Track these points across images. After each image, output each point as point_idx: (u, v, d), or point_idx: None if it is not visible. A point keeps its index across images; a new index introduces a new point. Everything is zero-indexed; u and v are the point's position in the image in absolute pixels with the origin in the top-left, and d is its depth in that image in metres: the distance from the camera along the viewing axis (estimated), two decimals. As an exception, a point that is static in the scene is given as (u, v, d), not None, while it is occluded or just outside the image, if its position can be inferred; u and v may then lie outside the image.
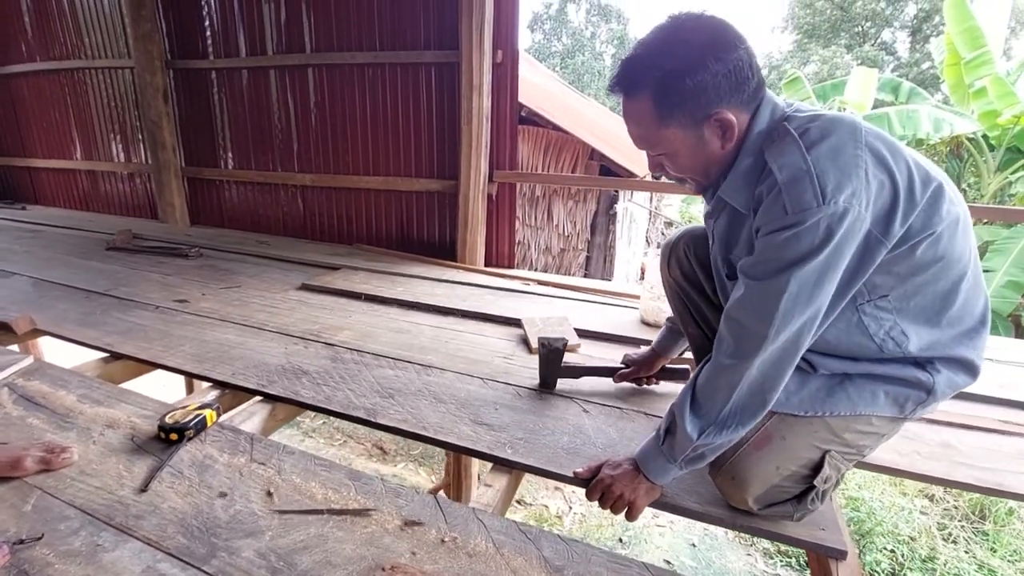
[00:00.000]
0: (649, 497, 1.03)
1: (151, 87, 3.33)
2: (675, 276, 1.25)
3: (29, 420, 1.25)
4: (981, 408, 1.50)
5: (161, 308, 2.05)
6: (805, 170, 0.81)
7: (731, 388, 0.90)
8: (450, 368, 1.62)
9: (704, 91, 0.86)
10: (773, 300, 0.84)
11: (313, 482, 1.09)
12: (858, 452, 1.02)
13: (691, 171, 0.98)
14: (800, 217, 0.81)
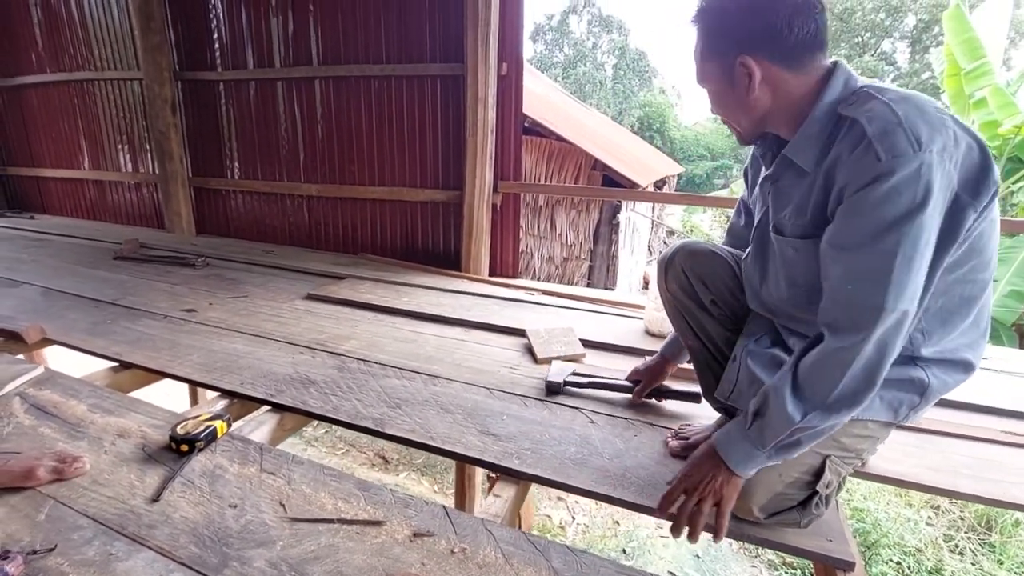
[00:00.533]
0: (734, 490, 0.95)
1: (159, 98, 3.37)
2: (672, 291, 1.26)
3: (41, 429, 1.27)
4: (985, 419, 1.50)
5: (169, 317, 2.07)
6: (896, 122, 0.78)
7: (844, 368, 0.84)
8: (456, 378, 1.63)
9: (732, 34, 0.91)
10: (885, 265, 0.79)
11: (323, 492, 1.10)
12: (856, 456, 1.03)
13: (726, 113, 1.01)
14: (896, 163, 0.76)
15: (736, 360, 1.15)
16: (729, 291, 1.20)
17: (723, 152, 33.34)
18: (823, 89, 0.90)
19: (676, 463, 1.24)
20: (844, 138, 0.85)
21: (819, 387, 0.87)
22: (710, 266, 1.20)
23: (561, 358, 1.78)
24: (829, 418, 0.87)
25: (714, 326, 1.23)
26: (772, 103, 0.93)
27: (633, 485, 1.16)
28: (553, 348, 1.82)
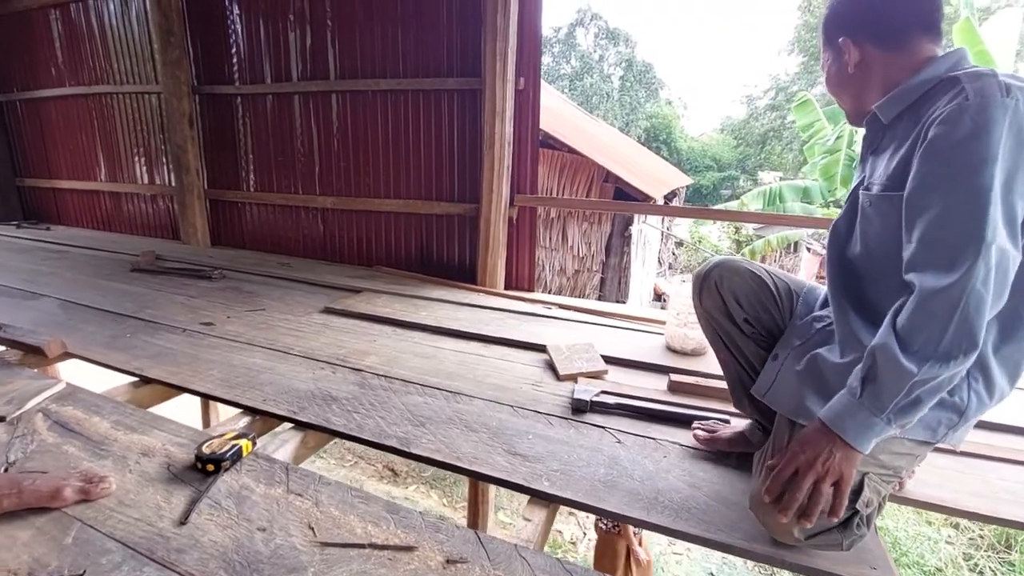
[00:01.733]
0: (852, 466, 0.88)
1: (177, 112, 3.40)
2: (706, 307, 1.24)
3: (65, 447, 1.25)
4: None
5: (188, 331, 2.07)
6: (991, 74, 0.84)
7: (952, 309, 0.80)
8: (479, 395, 1.61)
9: (837, 19, 1.05)
10: (981, 197, 0.79)
11: (352, 515, 1.08)
12: (895, 473, 1.00)
13: (835, 92, 1.10)
14: (985, 103, 0.80)
15: (777, 359, 1.14)
16: (764, 309, 1.18)
17: (730, 163, 33.34)
18: (927, 66, 0.94)
19: (707, 485, 1.22)
20: (943, 92, 0.89)
21: (928, 336, 0.81)
22: (745, 285, 1.18)
23: (583, 375, 1.75)
24: (948, 366, 0.81)
25: (746, 343, 1.22)
26: (871, 80, 1.02)
27: (667, 509, 1.13)
28: (575, 365, 1.80)
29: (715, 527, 1.08)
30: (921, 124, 0.89)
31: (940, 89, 0.90)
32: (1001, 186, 0.80)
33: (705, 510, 1.13)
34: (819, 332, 1.11)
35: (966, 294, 0.79)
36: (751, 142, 31.86)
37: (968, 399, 0.95)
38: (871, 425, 0.86)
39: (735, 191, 31.28)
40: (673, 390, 1.66)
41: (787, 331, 1.17)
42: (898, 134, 0.97)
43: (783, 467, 0.93)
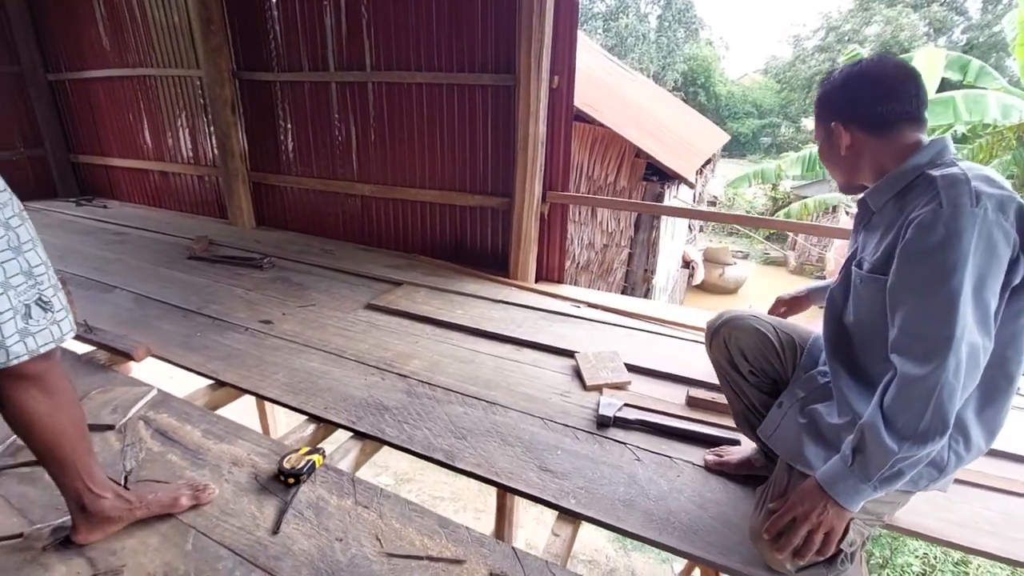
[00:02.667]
0: (843, 522, 1.03)
1: (220, 99, 3.53)
2: (715, 356, 1.40)
3: (168, 456, 1.50)
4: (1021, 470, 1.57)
5: (251, 330, 2.29)
6: (964, 180, 0.94)
7: (927, 396, 0.92)
8: (513, 406, 1.80)
9: (831, 104, 1.14)
10: (950, 302, 0.90)
11: (410, 528, 1.29)
12: (877, 518, 1.15)
13: (827, 166, 1.21)
14: (956, 211, 0.90)
15: (783, 406, 1.28)
16: (767, 362, 1.31)
17: (771, 109, 31.62)
18: (912, 154, 1.06)
19: (713, 507, 1.38)
20: (923, 191, 1.00)
21: (908, 418, 0.94)
22: (750, 340, 1.31)
23: (607, 385, 1.91)
24: (925, 446, 0.94)
25: (751, 389, 1.36)
26: (860, 162, 1.13)
27: (676, 531, 1.31)
28: (600, 375, 1.96)
29: (717, 549, 1.26)
30: (904, 216, 1.00)
31: (921, 183, 1.01)
32: (972, 287, 0.91)
33: (710, 532, 1.31)
34: (820, 387, 1.23)
35: (940, 385, 0.92)
36: (796, 86, 30.01)
37: (948, 458, 1.08)
38: (860, 490, 1.00)
39: (775, 139, 29.85)
40: (691, 405, 1.81)
41: (792, 381, 1.29)
42: (885, 218, 1.08)
43: (783, 514, 1.08)
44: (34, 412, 1.01)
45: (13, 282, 0.91)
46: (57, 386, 1.04)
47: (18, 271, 0.92)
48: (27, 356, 0.94)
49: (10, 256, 0.91)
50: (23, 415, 1.01)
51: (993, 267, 0.91)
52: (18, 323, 0.92)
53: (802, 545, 1.06)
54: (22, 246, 0.93)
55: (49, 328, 0.97)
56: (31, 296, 0.94)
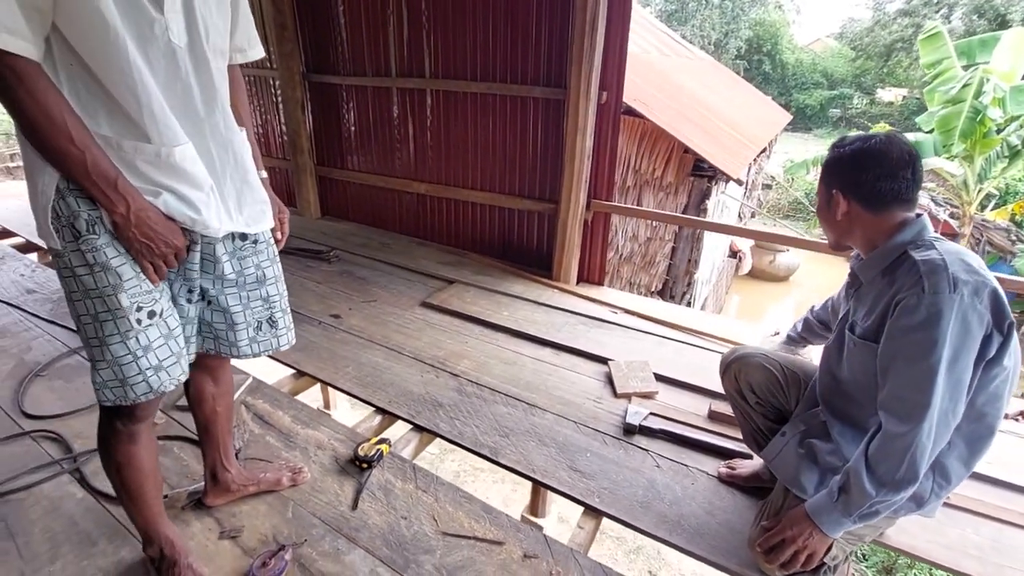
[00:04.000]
0: (824, 546, 1.23)
1: (292, 99, 3.84)
2: (727, 386, 1.60)
3: (267, 438, 1.84)
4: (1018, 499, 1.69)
5: (323, 324, 2.62)
6: (943, 266, 1.08)
7: (904, 451, 1.09)
8: (550, 409, 2.04)
9: (834, 172, 1.26)
10: (928, 375, 1.06)
11: (460, 511, 1.57)
12: (859, 539, 1.34)
13: (821, 222, 1.35)
14: (936, 298, 1.05)
15: (785, 436, 1.46)
16: (772, 395, 1.50)
17: (843, 79, 29.46)
18: (897, 232, 1.20)
19: (720, 514, 1.59)
20: (907, 272, 1.15)
21: (887, 468, 1.12)
22: (758, 376, 1.49)
23: (636, 394, 2.12)
24: (899, 493, 1.13)
25: (758, 416, 1.55)
26: (852, 229, 1.27)
27: (685, 532, 1.53)
28: (630, 384, 2.17)
29: (719, 551, 1.48)
30: (893, 293, 1.15)
31: (906, 262, 1.16)
32: (947, 363, 1.07)
33: (715, 536, 1.52)
34: (820, 423, 1.40)
35: (915, 443, 1.10)
36: (873, 54, 27.82)
37: (929, 496, 1.25)
38: (841, 522, 1.21)
39: (846, 112, 27.96)
40: (712, 418, 2.00)
41: (795, 415, 1.46)
42: (874, 289, 1.24)
43: (774, 533, 1.29)
44: (209, 397, 1.37)
45: (253, 306, 1.25)
46: (228, 376, 1.41)
47: (259, 298, 1.26)
48: (249, 356, 1.29)
49: (255, 287, 1.24)
50: (204, 401, 1.37)
51: (967, 345, 1.07)
52: (249, 333, 1.26)
53: (788, 561, 1.27)
54: (266, 281, 1.26)
55: (270, 340, 1.31)
56: (263, 316, 1.28)
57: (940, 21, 24.10)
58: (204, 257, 1.14)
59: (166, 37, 0.94)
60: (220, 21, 1.06)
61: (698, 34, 24.53)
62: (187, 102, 1.01)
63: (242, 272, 1.21)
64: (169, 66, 0.96)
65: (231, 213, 1.13)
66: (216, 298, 1.19)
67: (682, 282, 5.23)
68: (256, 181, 1.21)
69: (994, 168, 8.11)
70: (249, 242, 1.21)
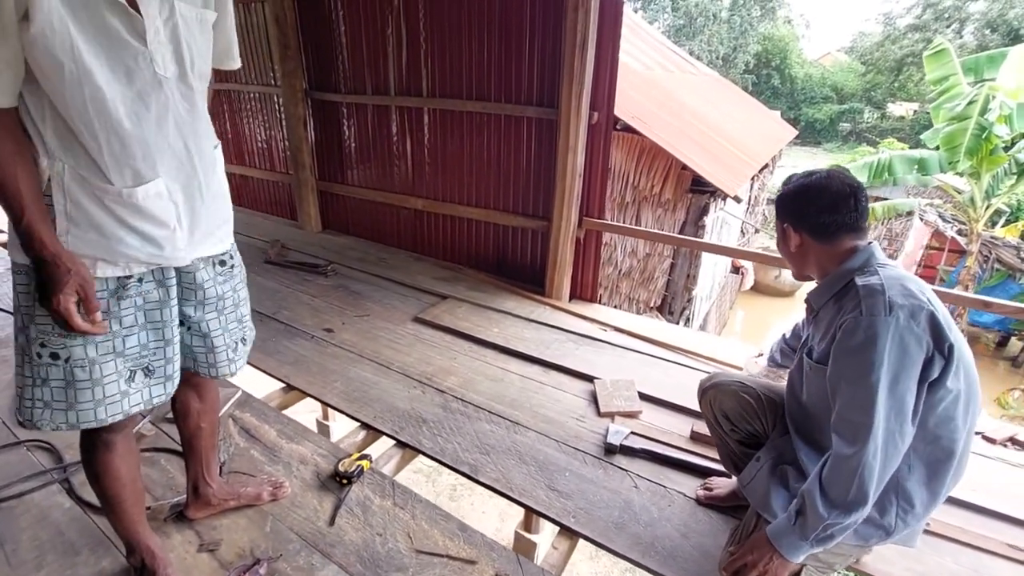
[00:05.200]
0: (785, 570, 1.23)
1: (294, 116, 3.92)
2: (704, 411, 1.62)
3: (251, 452, 1.87)
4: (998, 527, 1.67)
5: (315, 338, 2.67)
6: (880, 290, 1.12)
7: (852, 473, 1.10)
8: (533, 427, 2.06)
9: (784, 208, 1.34)
10: (869, 396, 1.09)
11: (435, 529, 1.59)
12: (829, 567, 1.33)
13: (781, 253, 1.41)
14: (873, 320, 1.09)
15: (759, 461, 1.47)
16: (747, 422, 1.50)
17: (853, 93, 29.44)
18: (846, 260, 1.25)
19: (695, 536, 1.60)
20: (851, 298, 1.19)
21: (838, 490, 1.13)
22: (732, 404, 1.50)
23: (619, 413, 2.13)
24: (850, 515, 1.13)
25: (733, 442, 1.57)
26: (807, 259, 1.33)
27: (659, 554, 1.53)
28: (614, 403, 2.18)
29: (691, 575, 1.48)
30: (840, 317, 1.19)
31: (852, 289, 1.19)
32: (888, 384, 1.08)
33: (687, 559, 1.52)
34: (792, 451, 1.41)
35: (862, 464, 1.11)
36: (884, 68, 27.80)
37: (895, 523, 1.24)
38: (799, 546, 1.21)
39: (856, 126, 27.86)
40: (693, 439, 2.00)
41: (770, 440, 1.47)
42: (826, 316, 1.28)
43: (738, 558, 1.30)
44: (194, 412, 1.41)
45: (230, 327, 1.30)
46: (213, 393, 1.45)
47: (235, 320, 1.31)
48: (228, 375, 1.33)
49: (232, 310, 1.30)
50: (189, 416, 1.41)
51: (906, 365, 1.09)
52: (229, 354, 1.31)
53: None
54: (240, 303, 1.33)
55: (244, 358, 1.37)
56: (239, 335, 1.33)
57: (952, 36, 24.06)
58: (184, 286, 1.18)
59: (151, 69, 0.98)
60: (204, 44, 1.09)
61: (706, 49, 24.66)
62: (174, 132, 1.05)
63: (223, 296, 1.25)
64: (158, 98, 1.00)
65: (203, 238, 1.17)
66: (198, 324, 1.23)
67: (681, 298, 5.22)
68: (227, 198, 1.26)
69: (1002, 185, 8.04)
70: (227, 267, 1.26)
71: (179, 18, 1.00)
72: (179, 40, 1.01)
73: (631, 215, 4.92)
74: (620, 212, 4.90)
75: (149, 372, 1.17)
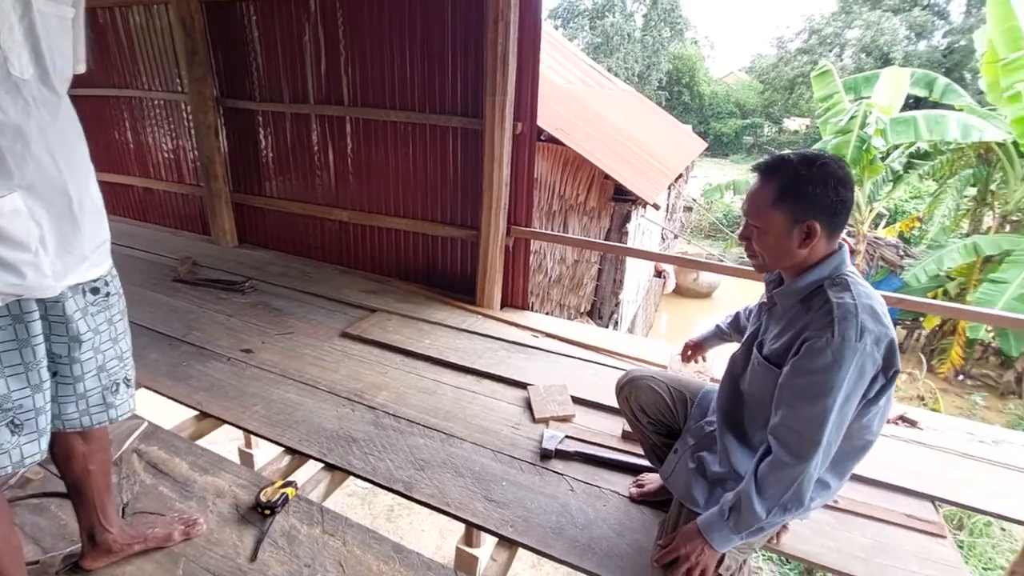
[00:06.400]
0: (714, 560, 1.29)
1: (204, 125, 3.68)
2: (623, 408, 1.68)
3: (160, 488, 1.70)
4: (901, 500, 1.84)
5: (232, 360, 2.49)
6: (854, 314, 1.11)
7: (792, 480, 1.16)
8: (468, 438, 2.03)
9: (810, 199, 1.14)
10: (825, 414, 1.11)
11: (369, 554, 1.52)
12: (750, 548, 1.40)
13: (767, 251, 1.24)
14: (844, 344, 1.08)
15: (678, 453, 1.52)
16: (662, 415, 1.58)
17: (754, 109, 32.07)
18: (822, 263, 1.20)
19: (630, 533, 1.63)
20: (820, 309, 1.16)
21: (775, 492, 1.19)
22: (647, 398, 1.58)
23: (554, 418, 2.15)
24: (785, 515, 1.21)
25: (653, 435, 1.64)
26: (798, 257, 1.20)
27: (596, 555, 1.55)
28: (548, 408, 2.19)
29: (627, 572, 1.50)
30: (803, 325, 1.18)
31: (821, 297, 1.18)
32: (839, 404, 1.13)
33: (624, 556, 1.55)
34: (707, 435, 1.48)
35: (804, 475, 1.18)
36: (779, 87, 30.49)
37: (810, 506, 1.33)
38: (730, 538, 1.27)
39: (758, 139, 30.33)
40: (625, 438, 2.06)
41: (685, 430, 1.54)
42: (787, 313, 1.26)
43: (669, 551, 1.34)
44: (79, 455, 1.24)
45: (108, 366, 1.15)
46: (99, 435, 1.26)
47: (114, 357, 1.16)
48: (107, 423, 1.17)
49: (109, 346, 1.14)
50: (73, 459, 1.24)
51: (858, 388, 1.14)
52: (105, 397, 1.15)
53: None
54: (119, 336, 1.17)
55: (127, 401, 1.21)
56: (120, 376, 1.18)
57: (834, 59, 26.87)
58: (52, 320, 1.05)
59: (5, 70, 0.87)
60: (65, 44, 0.98)
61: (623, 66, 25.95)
62: (37, 142, 0.94)
63: (97, 330, 1.11)
64: (16, 103, 0.90)
65: (75, 264, 1.04)
66: (69, 364, 1.09)
67: (609, 302, 5.40)
68: (102, 214, 1.12)
69: (881, 191, 9.05)
70: (102, 295, 1.12)
71: (36, 14, 0.90)
72: (37, 39, 0.91)
73: (559, 223, 5.03)
74: (548, 220, 5.01)
75: (16, 428, 1.01)
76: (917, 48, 25.96)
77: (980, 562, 4.35)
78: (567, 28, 27.55)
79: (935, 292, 7.69)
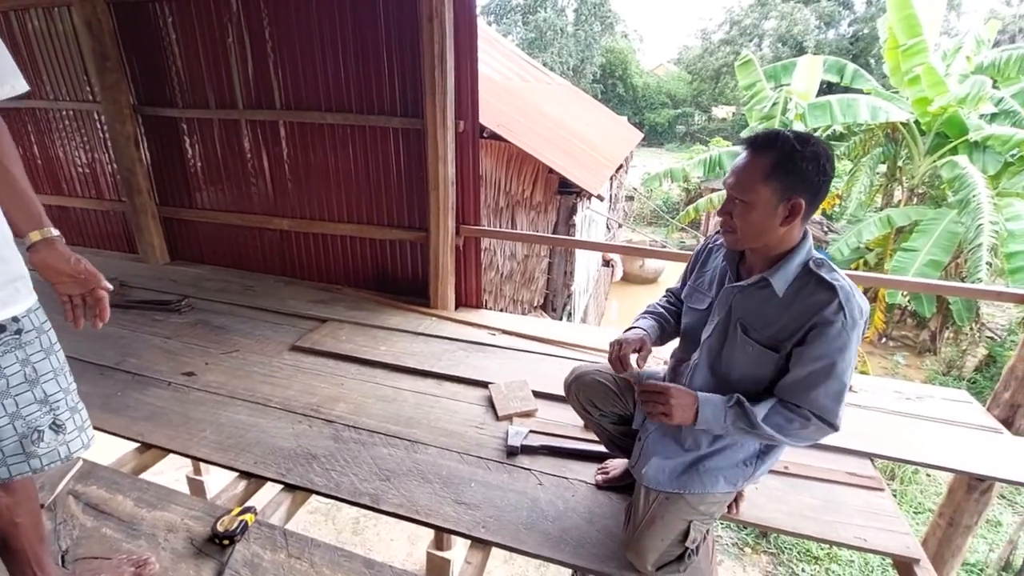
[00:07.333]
0: (680, 420, 1.26)
1: (122, 136, 3.43)
2: (573, 404, 1.70)
3: (103, 530, 1.58)
4: (844, 460, 1.98)
5: (174, 384, 2.34)
6: (853, 295, 1.18)
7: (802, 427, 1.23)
8: (433, 443, 2.00)
9: (804, 179, 1.14)
10: (842, 386, 1.20)
11: (339, 573, 1.47)
12: (711, 517, 1.45)
13: (748, 227, 1.20)
14: (854, 322, 1.16)
15: (641, 440, 1.56)
16: (611, 405, 1.61)
17: (684, 99, 33.35)
18: (801, 244, 1.23)
19: (599, 520, 1.66)
20: (817, 293, 1.18)
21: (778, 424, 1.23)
22: (596, 392, 1.61)
23: (517, 415, 2.16)
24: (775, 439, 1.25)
25: (608, 424, 1.66)
26: (776, 235, 1.20)
27: (568, 546, 1.58)
28: (511, 405, 2.20)
29: (599, 559, 1.53)
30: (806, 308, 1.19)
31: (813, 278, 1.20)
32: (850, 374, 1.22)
33: (595, 543, 1.58)
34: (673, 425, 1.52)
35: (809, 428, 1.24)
36: (705, 77, 31.84)
37: (757, 468, 1.41)
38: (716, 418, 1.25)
39: (689, 127, 31.58)
40: (587, 427, 2.09)
41: (637, 414, 1.57)
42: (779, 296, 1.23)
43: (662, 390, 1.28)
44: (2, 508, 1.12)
45: (24, 412, 1.03)
46: (21, 486, 1.14)
47: (32, 401, 1.04)
48: (29, 473, 1.06)
49: (25, 389, 1.03)
50: None
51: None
52: (25, 446, 1.04)
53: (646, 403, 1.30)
54: (40, 378, 1.05)
55: (57, 448, 1.09)
56: (45, 422, 1.06)
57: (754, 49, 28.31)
58: None
59: None
60: None
61: (558, 61, 26.27)
62: None
63: (3, 373, 1.01)
64: None
65: None
66: None
67: (562, 295, 5.47)
68: (11, 252, 1.02)
69: (805, 172, 9.59)
70: (11, 333, 1.01)
71: None
72: None
73: (507, 219, 5.04)
74: (496, 217, 5.00)
75: None
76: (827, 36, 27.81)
77: (911, 507, 4.76)
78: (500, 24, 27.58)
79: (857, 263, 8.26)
